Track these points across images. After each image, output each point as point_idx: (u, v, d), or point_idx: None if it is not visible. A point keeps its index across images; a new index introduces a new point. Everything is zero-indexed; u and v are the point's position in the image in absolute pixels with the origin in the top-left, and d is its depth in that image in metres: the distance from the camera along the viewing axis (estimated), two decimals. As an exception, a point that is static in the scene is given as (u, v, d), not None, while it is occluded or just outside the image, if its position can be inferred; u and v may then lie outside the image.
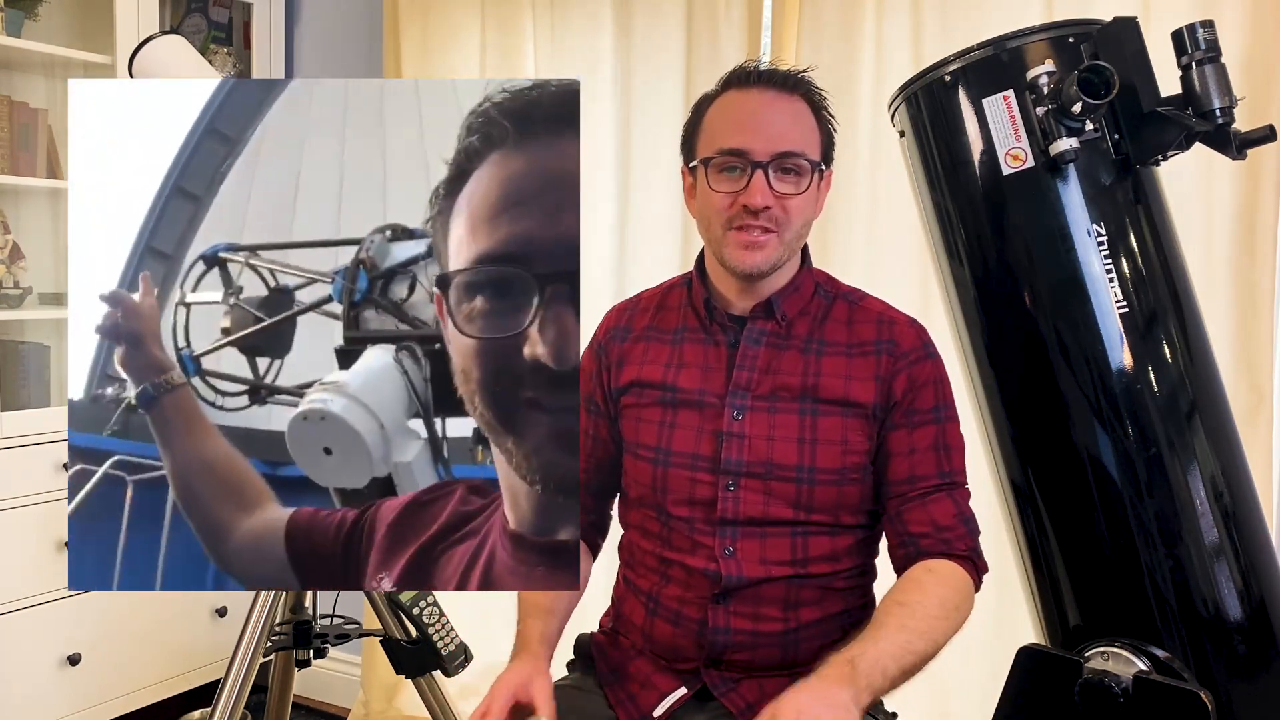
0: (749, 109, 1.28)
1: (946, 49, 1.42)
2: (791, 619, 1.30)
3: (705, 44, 2.23)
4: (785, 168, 1.26)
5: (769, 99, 1.28)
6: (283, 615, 1.85)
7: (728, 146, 1.26)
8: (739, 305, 1.34)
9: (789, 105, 1.28)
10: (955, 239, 1.38)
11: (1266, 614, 1.27)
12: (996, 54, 1.31)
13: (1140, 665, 1.22)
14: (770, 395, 1.30)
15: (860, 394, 1.29)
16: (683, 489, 1.31)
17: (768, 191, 1.24)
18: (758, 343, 1.32)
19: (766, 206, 1.24)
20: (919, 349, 1.32)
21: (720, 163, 1.27)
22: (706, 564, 1.29)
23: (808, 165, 1.27)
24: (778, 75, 1.30)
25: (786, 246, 1.29)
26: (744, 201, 1.25)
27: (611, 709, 1.34)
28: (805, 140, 1.28)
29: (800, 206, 1.27)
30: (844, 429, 1.29)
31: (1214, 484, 1.27)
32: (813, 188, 1.29)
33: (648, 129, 2.34)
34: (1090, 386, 1.28)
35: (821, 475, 1.28)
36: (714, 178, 1.28)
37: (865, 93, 2.09)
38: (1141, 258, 1.29)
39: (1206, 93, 1.24)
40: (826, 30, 2.11)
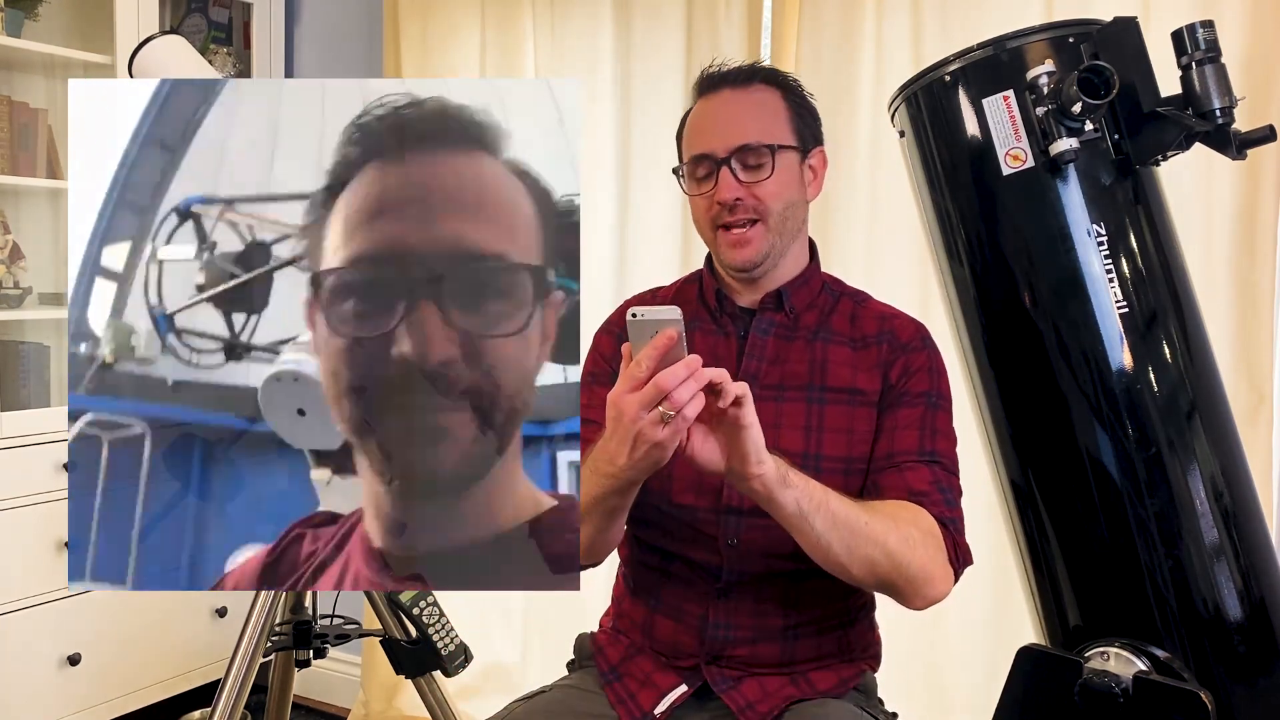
0: (708, 113, 1.34)
1: (946, 49, 1.42)
2: (791, 615, 1.30)
3: (705, 44, 2.23)
4: (746, 161, 1.30)
5: (724, 98, 1.33)
6: (283, 615, 1.85)
7: (696, 152, 1.33)
8: (748, 298, 1.37)
9: (748, 98, 1.33)
10: (955, 239, 1.38)
11: (1266, 614, 1.27)
12: (996, 54, 1.31)
13: (1140, 665, 1.22)
14: (778, 385, 1.32)
15: (865, 383, 1.32)
16: (689, 475, 1.31)
17: (734, 184, 1.29)
18: (766, 333, 1.35)
19: (737, 199, 1.29)
20: (916, 340, 1.35)
21: (691, 170, 1.34)
22: (709, 557, 1.30)
23: (767, 150, 1.29)
24: (732, 73, 1.35)
25: (775, 233, 1.31)
26: (716, 199, 1.30)
27: (612, 708, 1.34)
28: (765, 129, 1.31)
29: (775, 191, 1.30)
30: (851, 418, 1.30)
31: (1214, 484, 1.27)
32: (785, 170, 1.31)
33: (648, 129, 2.34)
34: (1090, 386, 1.28)
35: (827, 463, 1.28)
36: (690, 185, 1.35)
37: (865, 93, 2.09)
38: (1141, 258, 1.29)
39: (1206, 93, 1.24)
40: (826, 30, 2.11)
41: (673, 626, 1.33)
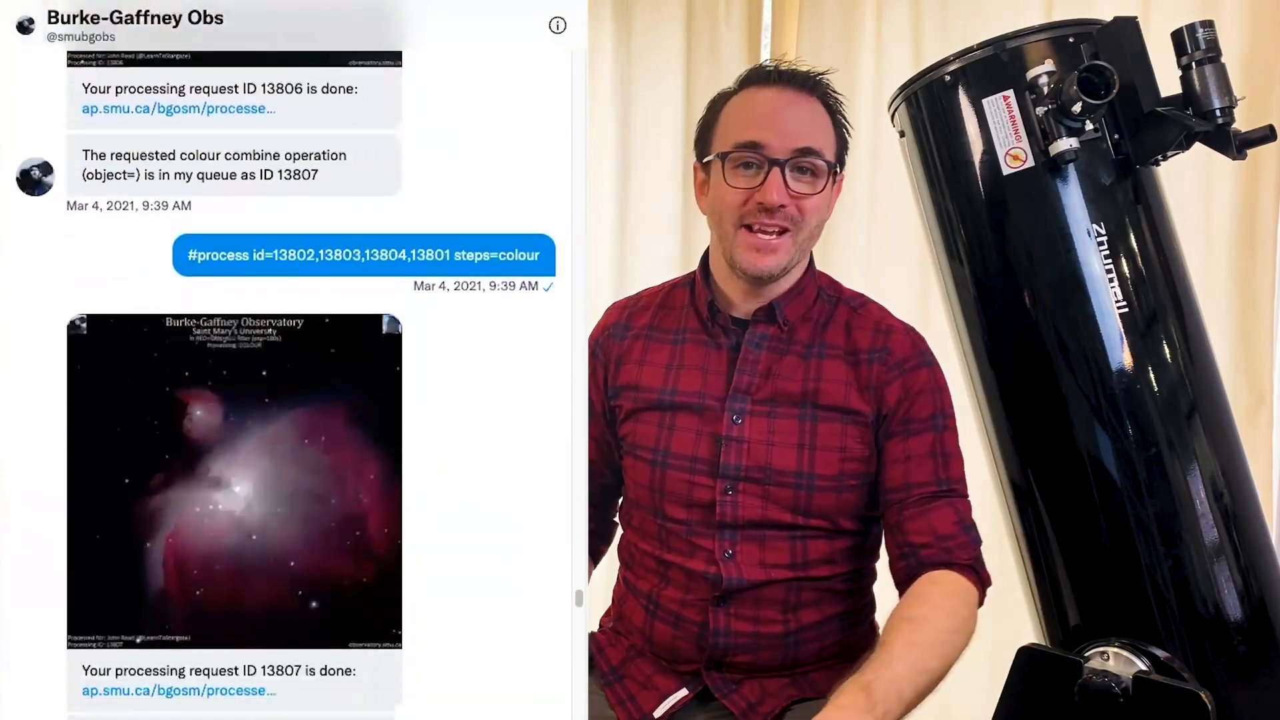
0: (767, 105, 1.28)
1: (946, 49, 1.42)
2: (792, 621, 1.30)
3: (705, 44, 2.23)
4: (802, 166, 1.25)
5: (788, 97, 1.28)
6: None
7: (745, 139, 1.25)
8: (742, 308, 1.33)
9: (807, 105, 1.28)
10: (955, 239, 1.38)
11: (1266, 614, 1.27)
12: (996, 54, 1.31)
13: (1140, 665, 1.22)
14: (770, 400, 1.29)
15: (859, 402, 1.28)
16: (681, 491, 1.30)
17: (784, 189, 1.24)
18: (759, 347, 1.31)
19: (782, 205, 1.24)
20: (914, 357, 1.31)
21: (737, 158, 1.26)
22: (706, 567, 1.29)
23: (824, 165, 1.26)
24: (797, 75, 1.30)
25: (799, 248, 1.28)
26: (760, 199, 1.24)
27: (611, 709, 1.33)
28: (822, 140, 1.27)
29: (816, 207, 1.27)
30: (843, 435, 1.28)
31: (1214, 484, 1.27)
32: (827, 189, 1.28)
33: (648, 129, 2.35)
34: (1090, 386, 1.28)
35: (820, 481, 1.27)
36: (730, 173, 1.26)
37: (865, 93, 2.09)
38: (1141, 258, 1.29)
39: (1206, 93, 1.24)
40: (826, 30, 2.11)
41: (671, 632, 1.32)
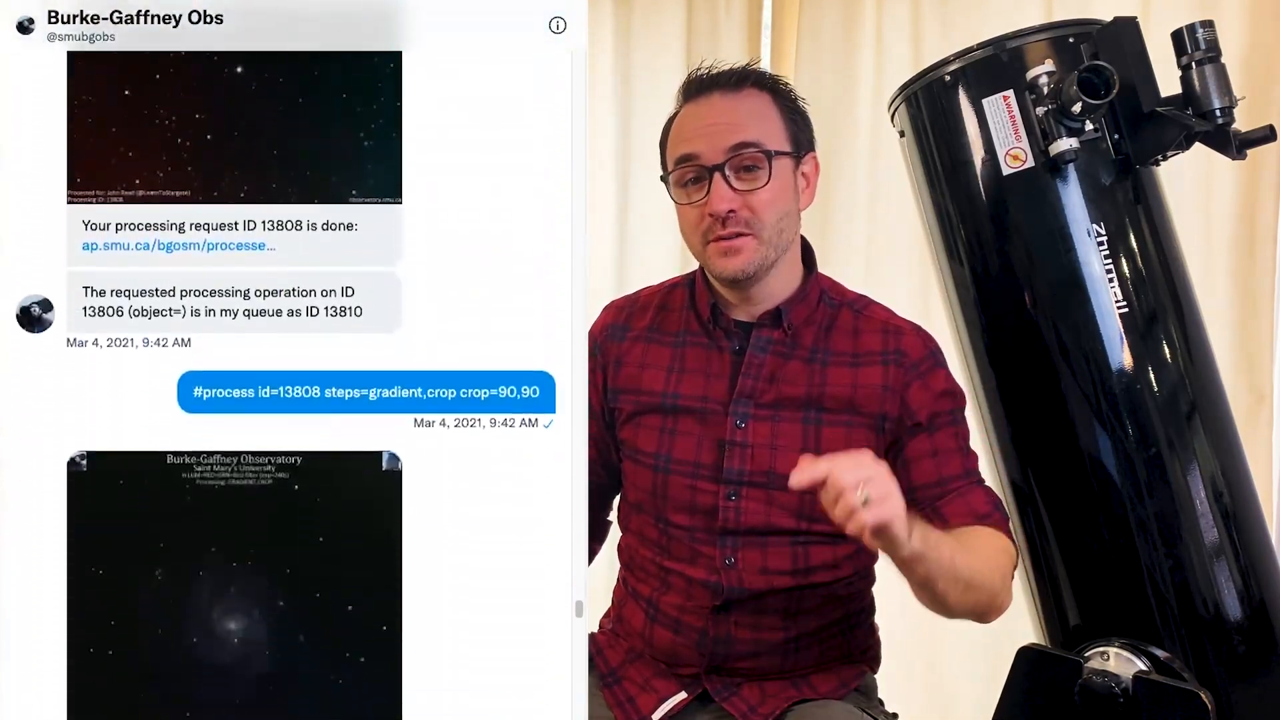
0: (696, 115, 1.28)
1: (946, 49, 1.42)
2: (792, 627, 1.29)
3: (705, 43, 2.23)
4: (743, 165, 1.24)
5: (715, 101, 1.27)
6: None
7: (680, 154, 1.26)
8: (744, 312, 1.32)
9: (740, 102, 1.27)
10: (955, 239, 1.38)
11: (1266, 614, 1.27)
12: (996, 54, 1.31)
13: (1140, 665, 1.22)
14: (774, 404, 1.28)
15: (866, 403, 1.27)
16: (683, 497, 1.30)
17: (728, 194, 1.23)
18: (764, 351, 1.30)
19: (731, 210, 1.23)
20: (928, 358, 1.30)
21: (679, 175, 1.27)
22: (707, 575, 1.28)
23: (764, 155, 1.24)
24: (723, 75, 1.29)
25: (767, 245, 1.26)
26: (708, 211, 1.24)
27: (610, 710, 1.33)
28: (759, 130, 1.26)
29: (768, 201, 1.25)
30: (848, 439, 1.26)
31: (1214, 484, 1.27)
32: (780, 178, 1.26)
33: (647, 129, 2.35)
34: (1090, 386, 1.28)
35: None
36: (678, 191, 1.28)
37: (865, 93, 2.09)
38: (1141, 258, 1.30)
39: (1206, 93, 1.24)
40: (826, 30, 2.12)
41: (671, 637, 1.32)
